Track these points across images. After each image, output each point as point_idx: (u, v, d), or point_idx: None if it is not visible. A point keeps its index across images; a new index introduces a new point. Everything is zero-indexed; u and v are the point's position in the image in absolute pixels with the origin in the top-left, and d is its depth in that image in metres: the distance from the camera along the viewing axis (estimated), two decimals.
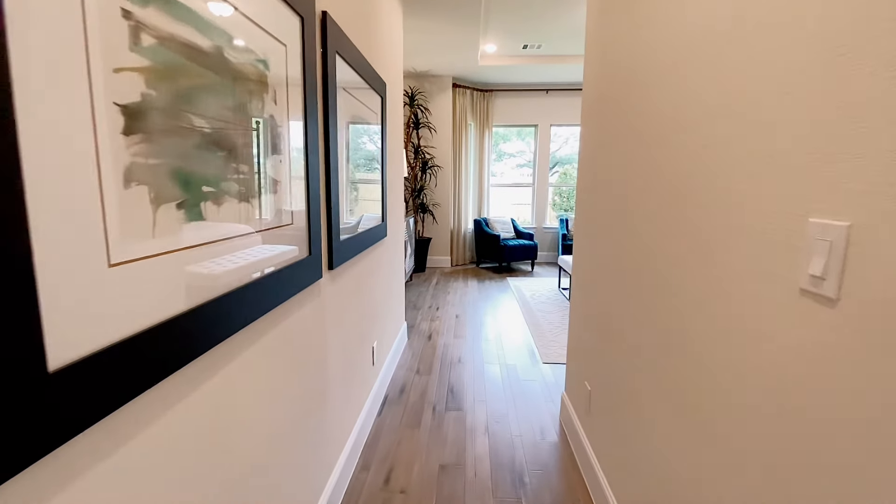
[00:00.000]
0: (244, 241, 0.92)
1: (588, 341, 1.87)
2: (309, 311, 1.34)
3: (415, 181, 5.86)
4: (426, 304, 4.36)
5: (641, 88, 1.33)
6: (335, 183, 1.49)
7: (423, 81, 6.00)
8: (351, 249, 1.72)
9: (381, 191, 2.34)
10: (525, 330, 3.65)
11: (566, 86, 6.41)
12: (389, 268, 2.67)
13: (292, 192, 1.17)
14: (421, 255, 5.88)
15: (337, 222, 1.52)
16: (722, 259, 0.90)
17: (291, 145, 1.16)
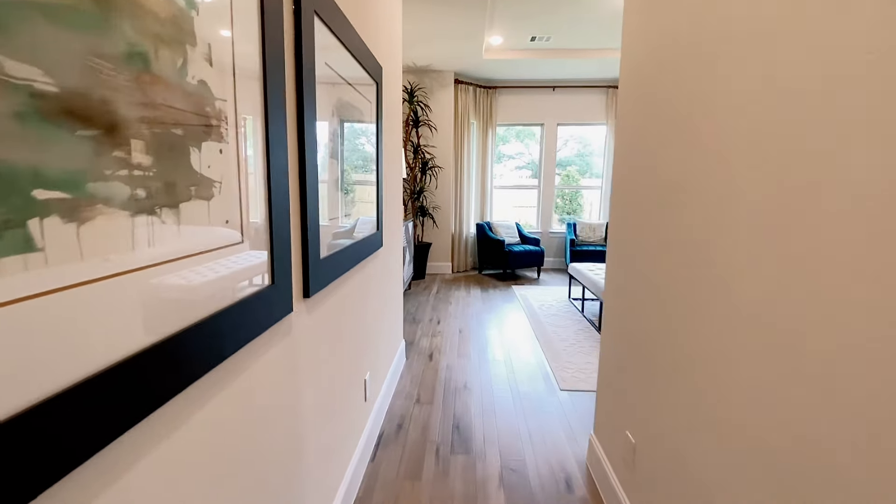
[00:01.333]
0: (145, 278, 0.56)
1: (629, 380, 1.52)
2: (274, 358, 0.98)
3: (414, 182, 5.51)
4: (426, 317, 4.01)
5: (707, 79, 0.98)
6: (312, 186, 1.13)
7: (424, 77, 5.65)
8: (335, 268, 1.36)
9: (375, 194, 1.98)
10: (536, 348, 3.30)
11: (574, 82, 6.08)
12: (386, 283, 2.31)
13: (245, 198, 0.82)
14: (420, 262, 5.53)
15: (315, 237, 1.16)
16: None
17: (242, 131, 0.81)
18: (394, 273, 2.57)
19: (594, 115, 6.18)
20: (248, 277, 0.84)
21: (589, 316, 4.07)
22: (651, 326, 1.36)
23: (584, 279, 4.02)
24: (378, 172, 2.00)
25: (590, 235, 5.99)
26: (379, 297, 2.15)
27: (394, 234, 2.54)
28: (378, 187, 2.01)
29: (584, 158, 7.01)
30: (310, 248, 1.13)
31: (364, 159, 1.77)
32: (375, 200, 1.99)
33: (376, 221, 2.01)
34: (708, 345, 1.04)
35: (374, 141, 1.93)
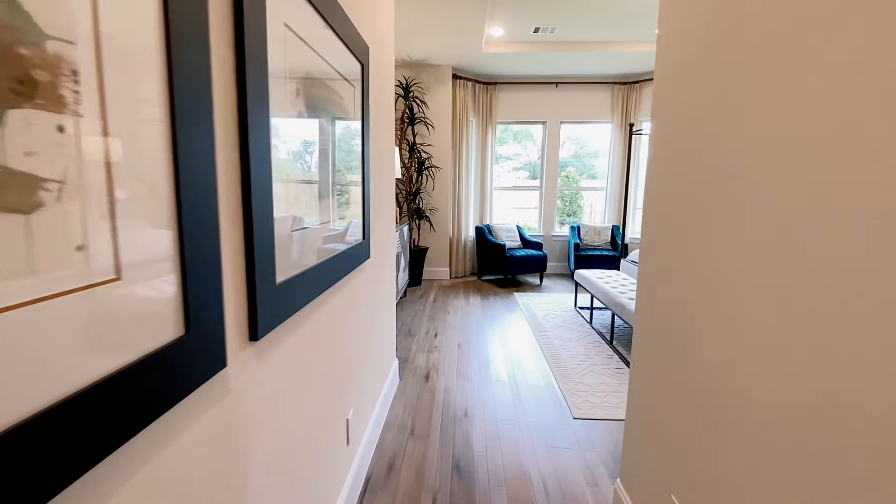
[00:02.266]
0: None
1: (677, 429, 1.21)
2: (198, 435, 0.67)
3: (410, 183, 5.20)
4: (422, 329, 3.69)
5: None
6: (262, 184, 0.82)
7: (420, 71, 5.35)
8: (304, 292, 1.05)
9: (361, 197, 1.67)
10: (543, 365, 2.99)
11: (578, 78, 5.78)
12: (375, 299, 2.00)
13: (123, 206, 0.51)
14: (416, 267, 5.22)
15: (268, 257, 0.85)
16: None
17: (118, 96, 0.50)
18: (385, 287, 2.26)
19: (599, 113, 5.89)
20: (132, 331, 0.52)
21: (599, 327, 3.77)
22: (715, 364, 1.05)
23: (593, 288, 3.71)
24: (364, 172, 1.69)
25: (594, 239, 5.70)
26: (366, 317, 1.83)
27: (384, 242, 2.23)
28: (364, 190, 1.70)
29: (581, 160, 6.78)
30: (258, 274, 0.81)
31: (348, 156, 1.46)
32: (361, 205, 1.68)
33: (362, 230, 1.70)
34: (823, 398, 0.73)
35: (359, 132, 1.62)
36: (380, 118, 2.04)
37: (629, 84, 5.69)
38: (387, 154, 2.24)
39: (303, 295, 1.06)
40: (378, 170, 2.02)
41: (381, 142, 2.09)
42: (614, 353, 3.17)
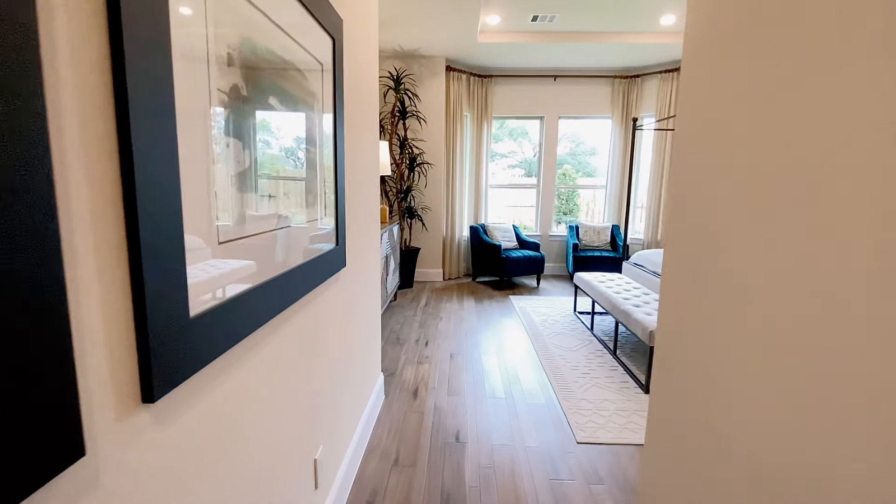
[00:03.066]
0: None
1: (703, 466, 0.98)
2: None
3: (401, 181, 4.95)
4: (412, 337, 3.45)
5: None
6: (158, 158, 0.57)
7: (411, 63, 5.09)
8: (240, 322, 0.81)
9: (334, 199, 1.42)
10: (543, 379, 2.76)
11: (577, 71, 5.55)
12: (352, 313, 1.76)
13: None
14: (408, 269, 4.97)
15: (173, 275, 0.60)
16: None
17: None
18: (368, 296, 2.01)
19: (598, 108, 5.66)
20: None
21: (600, 334, 3.55)
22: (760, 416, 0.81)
23: (595, 293, 3.49)
24: (337, 170, 1.44)
25: (594, 240, 5.47)
26: (341, 335, 1.59)
27: (367, 247, 1.98)
28: (337, 190, 1.45)
29: (576, 157, 6.58)
30: (151, 307, 0.57)
31: (315, 150, 1.22)
32: (334, 207, 1.43)
33: (335, 235, 1.45)
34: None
35: (331, 117, 1.37)
36: (359, 107, 1.79)
37: (630, 78, 5.46)
38: (369, 149, 1.99)
39: (242, 324, 0.81)
40: (357, 167, 1.77)
41: (362, 135, 1.84)
42: (618, 365, 2.95)
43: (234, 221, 0.80)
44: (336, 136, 1.42)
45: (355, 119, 1.73)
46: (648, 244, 5.50)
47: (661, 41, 4.46)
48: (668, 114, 5.13)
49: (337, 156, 1.43)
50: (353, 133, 1.69)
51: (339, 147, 1.45)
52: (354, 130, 1.72)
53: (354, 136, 1.72)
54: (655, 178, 5.36)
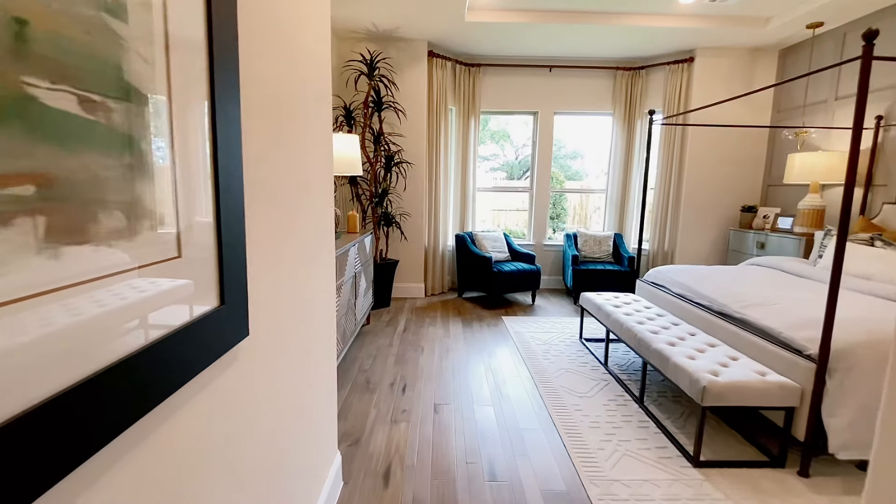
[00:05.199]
0: None
1: None
2: None
3: (375, 182, 4.24)
4: (386, 378, 2.75)
5: None
6: None
7: (388, 46, 4.39)
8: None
9: (214, 216, 0.73)
10: (556, 444, 2.10)
11: (576, 62, 4.94)
12: (277, 397, 1.05)
13: None
14: (384, 285, 4.26)
15: None
16: None
17: None
18: (306, 365, 1.31)
19: (598, 103, 5.06)
20: None
21: (616, 370, 2.91)
22: None
23: (611, 322, 2.85)
24: (218, 171, 0.74)
25: (594, 250, 4.87)
26: (252, 442, 0.88)
27: (307, 284, 1.28)
28: (218, 220, 0.74)
29: (557, 161, 6.10)
30: None
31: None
32: (214, 248, 0.73)
33: (218, 289, 0.75)
34: None
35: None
36: (287, 83, 1.09)
37: (634, 70, 4.88)
38: (317, 143, 1.29)
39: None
40: (287, 168, 1.07)
41: (295, 124, 1.14)
42: (648, 420, 2.31)
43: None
44: (216, 140, 0.72)
45: (280, 100, 1.03)
46: (654, 256, 4.92)
47: (672, 24, 3.88)
48: (678, 110, 4.57)
49: (218, 154, 0.73)
50: (271, 120, 0.99)
51: (224, 140, 0.75)
52: (277, 116, 1.02)
53: (277, 125, 1.02)
54: (663, 181, 4.79)
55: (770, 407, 1.87)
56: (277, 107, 1.01)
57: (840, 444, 1.75)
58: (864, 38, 1.60)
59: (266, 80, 0.95)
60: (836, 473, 1.87)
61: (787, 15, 3.66)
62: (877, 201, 3.37)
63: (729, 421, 2.30)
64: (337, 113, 4.19)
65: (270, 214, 0.98)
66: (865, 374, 1.77)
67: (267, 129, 0.96)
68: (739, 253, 4.33)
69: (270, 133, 0.98)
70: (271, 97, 0.98)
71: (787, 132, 4.19)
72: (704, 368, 1.98)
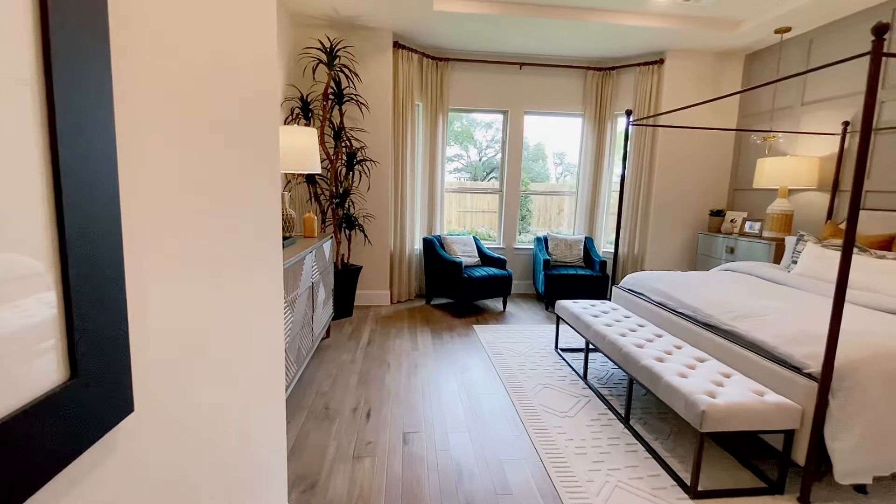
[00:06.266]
0: None
1: None
2: None
3: (336, 181, 3.90)
4: (347, 403, 2.44)
5: None
6: None
7: (350, 34, 4.06)
8: None
9: (57, 240, 0.43)
10: (541, 476, 1.88)
11: (547, 60, 4.79)
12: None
13: None
14: (346, 293, 3.93)
15: None
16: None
17: None
18: (247, 421, 1.00)
19: (569, 104, 4.94)
20: None
21: (596, 383, 2.74)
22: None
23: (591, 334, 2.67)
24: (59, 167, 0.44)
25: (565, 254, 4.73)
26: None
27: (239, 317, 0.98)
28: (63, 242, 0.45)
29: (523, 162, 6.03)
30: None
31: None
32: (57, 268, 0.43)
33: (66, 345, 0.45)
34: None
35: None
36: (205, 52, 0.78)
37: (605, 70, 4.79)
38: (256, 131, 0.98)
39: None
40: (185, 178, 0.77)
41: (218, 105, 0.84)
42: (637, 442, 2.14)
43: None
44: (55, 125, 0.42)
45: (193, 68, 0.72)
46: (625, 260, 4.85)
47: (644, 24, 3.79)
48: (648, 112, 4.51)
49: (58, 129, 0.43)
50: (177, 93, 0.69)
51: (74, 115, 0.45)
52: (187, 86, 0.72)
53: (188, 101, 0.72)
54: (634, 184, 4.72)
55: (771, 431, 1.72)
56: (187, 74, 0.71)
57: (846, 471, 1.62)
58: (875, 32, 1.48)
59: (175, 49, 0.65)
60: (837, 499, 1.75)
61: (757, 18, 3.64)
62: (843, 206, 3.39)
63: (720, 442, 2.16)
64: (292, 104, 3.82)
65: (178, 223, 0.68)
66: (869, 394, 1.65)
67: (171, 106, 0.66)
68: (709, 257, 4.31)
69: (177, 116, 0.68)
70: (180, 68, 0.68)
71: (754, 136, 4.20)
72: (699, 389, 1.82)
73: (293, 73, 3.89)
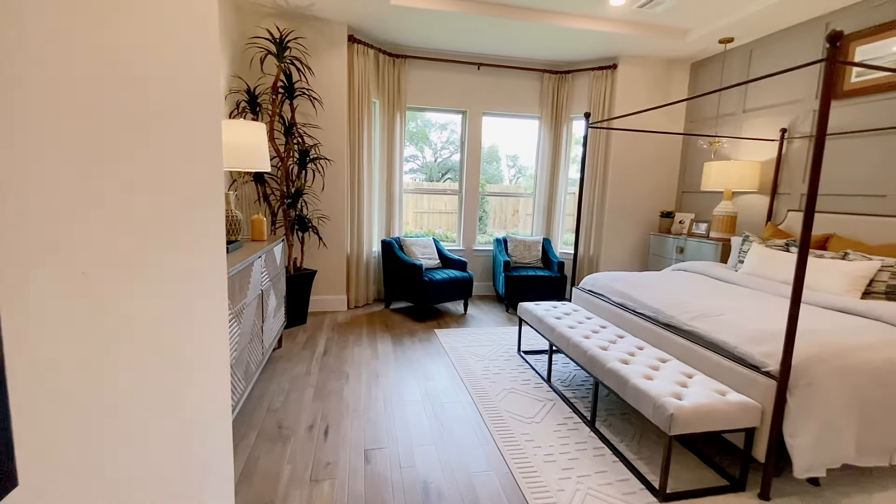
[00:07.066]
0: None
1: None
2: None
3: (287, 180, 3.67)
4: (303, 420, 2.26)
5: None
6: None
7: (302, 25, 3.84)
8: None
9: None
10: (510, 486, 1.80)
11: (504, 61, 4.78)
12: None
13: None
14: (299, 299, 3.70)
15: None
16: None
17: None
18: (176, 465, 0.84)
19: (526, 106, 4.96)
20: None
21: (560, 385, 2.72)
22: None
23: (555, 337, 2.65)
24: None
25: (524, 255, 4.74)
26: None
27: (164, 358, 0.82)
28: None
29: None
30: None
31: None
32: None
33: None
34: None
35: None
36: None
37: (561, 73, 4.85)
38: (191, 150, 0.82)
39: None
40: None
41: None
42: (603, 445, 2.12)
43: None
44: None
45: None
46: (581, 260, 4.94)
47: (599, 28, 3.85)
48: (602, 115, 4.61)
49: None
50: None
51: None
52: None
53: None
54: (589, 186, 4.81)
55: (734, 430, 1.75)
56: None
57: (805, 466, 1.67)
58: (829, 40, 1.52)
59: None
60: (795, 493, 1.81)
61: (704, 28, 3.80)
62: (782, 209, 3.60)
63: (683, 441, 2.19)
64: (238, 97, 3.55)
65: (76, 243, 0.52)
66: (823, 390, 1.71)
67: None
68: (660, 257, 4.46)
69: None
70: (80, 55, 0.52)
71: (701, 141, 4.39)
72: (666, 391, 1.82)
73: (239, 63, 3.62)
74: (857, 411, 1.75)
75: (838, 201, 3.17)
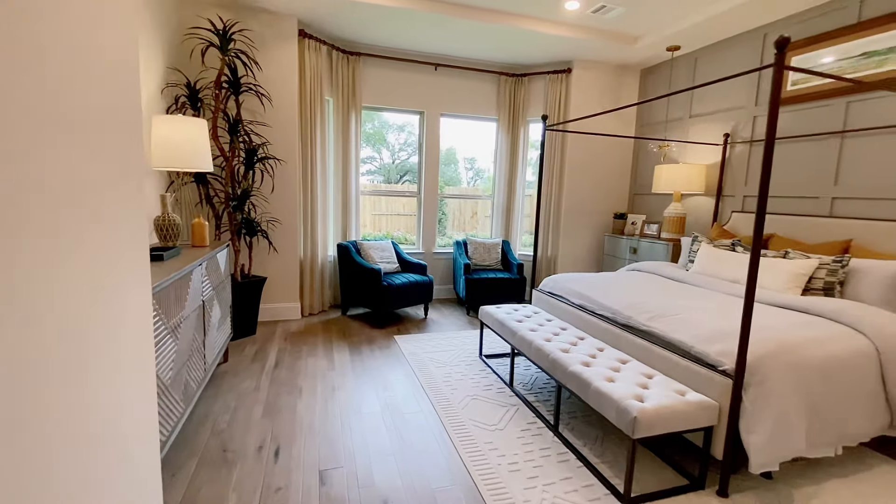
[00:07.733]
0: None
1: None
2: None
3: (233, 181, 3.43)
4: (251, 441, 2.09)
5: None
6: None
7: (248, 17, 3.61)
8: None
9: None
10: (476, 501, 1.73)
11: (461, 62, 4.74)
12: None
13: None
14: (247, 308, 3.47)
15: None
16: None
17: None
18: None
19: (484, 108, 4.95)
20: None
21: (522, 390, 2.69)
22: None
23: (517, 341, 2.61)
24: None
25: (484, 258, 4.72)
26: None
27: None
28: None
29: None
30: None
31: None
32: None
33: None
34: None
35: None
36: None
37: (517, 77, 4.87)
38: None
39: None
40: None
41: None
42: (567, 450, 2.10)
43: None
44: None
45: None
46: (539, 261, 4.97)
47: (555, 32, 3.89)
48: (558, 118, 4.67)
49: None
50: None
51: None
52: None
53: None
54: (546, 187, 4.85)
55: (694, 430, 1.76)
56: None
57: (761, 462, 1.70)
58: (777, 45, 1.56)
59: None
60: (750, 487, 1.85)
61: (653, 35, 3.92)
62: (726, 210, 3.78)
63: (644, 442, 2.20)
64: (177, 91, 3.28)
65: None
66: (775, 386, 1.76)
67: None
68: (614, 258, 4.57)
69: None
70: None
71: (651, 145, 4.54)
72: (628, 394, 1.81)
73: (177, 55, 3.34)
74: (805, 405, 1.81)
75: (777, 203, 3.36)
